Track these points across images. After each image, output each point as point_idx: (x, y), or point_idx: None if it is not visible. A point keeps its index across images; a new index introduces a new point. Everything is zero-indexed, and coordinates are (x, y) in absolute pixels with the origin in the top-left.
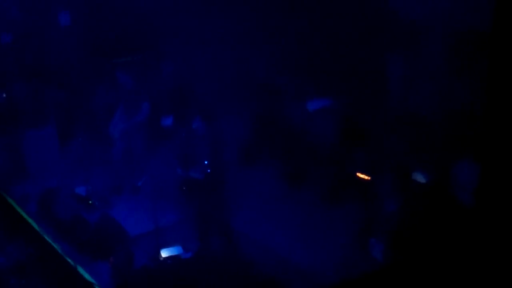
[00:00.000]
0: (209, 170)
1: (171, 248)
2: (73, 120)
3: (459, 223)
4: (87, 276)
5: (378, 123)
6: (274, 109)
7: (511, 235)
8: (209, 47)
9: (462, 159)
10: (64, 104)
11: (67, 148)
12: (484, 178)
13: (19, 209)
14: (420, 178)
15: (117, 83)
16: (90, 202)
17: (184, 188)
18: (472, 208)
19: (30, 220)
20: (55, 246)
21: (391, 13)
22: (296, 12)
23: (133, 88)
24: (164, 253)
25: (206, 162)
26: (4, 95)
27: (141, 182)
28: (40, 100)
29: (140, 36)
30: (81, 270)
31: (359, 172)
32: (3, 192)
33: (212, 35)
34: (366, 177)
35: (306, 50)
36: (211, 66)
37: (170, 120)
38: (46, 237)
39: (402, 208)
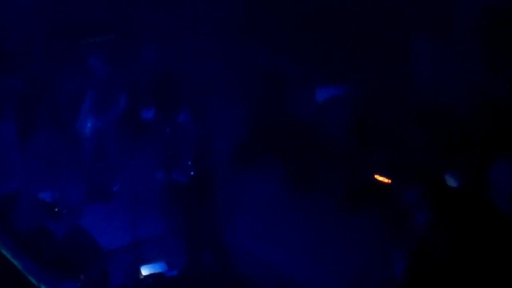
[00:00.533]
0: (192, 173)
1: (153, 265)
2: (36, 113)
3: (497, 234)
4: None
5: (401, 116)
6: (276, 100)
7: None
8: (199, 27)
9: (500, 159)
10: (24, 93)
11: (29, 146)
12: None
13: None
14: (451, 181)
15: (88, 69)
16: (56, 210)
17: (167, 193)
18: None
19: None
20: (15, 262)
21: None
22: None
23: (106, 75)
24: (145, 271)
25: (189, 163)
26: None
27: (117, 186)
28: None
29: (116, 13)
30: None
31: (378, 174)
32: None
33: (203, 12)
34: (387, 180)
35: (313, 29)
36: (201, 49)
37: (152, 113)
38: (3, 252)
39: (431, 217)
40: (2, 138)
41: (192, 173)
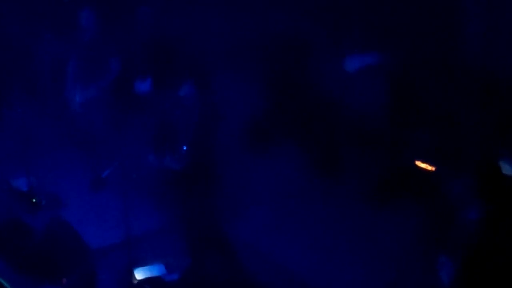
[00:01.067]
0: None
1: (149, 267)
2: (8, 84)
3: None
4: None
5: (448, 90)
6: (297, 70)
7: None
8: None
9: None
10: None
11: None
12: None
13: None
14: (507, 169)
15: (72, 29)
16: (33, 200)
17: (166, 182)
18: None
19: None
20: None
21: None
22: None
23: (95, 36)
24: (139, 274)
25: (184, 148)
26: None
27: (107, 172)
28: None
29: None
30: None
31: (419, 161)
32: None
33: None
34: (430, 168)
35: None
36: (208, 7)
37: (147, 84)
38: None
39: (484, 213)
40: None
41: (185, 159)
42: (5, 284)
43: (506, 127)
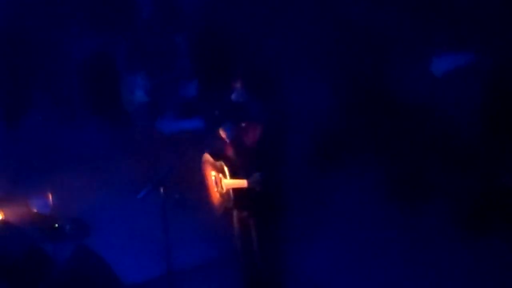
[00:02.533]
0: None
1: None
2: (28, 87)
3: None
4: None
5: None
6: (377, 74)
7: None
8: None
9: None
10: (9, 60)
11: (16, 133)
12: None
13: None
14: None
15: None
16: (56, 225)
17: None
18: None
19: None
20: None
21: None
22: None
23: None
24: None
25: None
26: None
27: (143, 193)
28: None
29: None
30: None
31: None
32: None
33: None
34: None
35: None
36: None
37: (193, 88)
38: None
39: None
40: None
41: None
42: None
43: None
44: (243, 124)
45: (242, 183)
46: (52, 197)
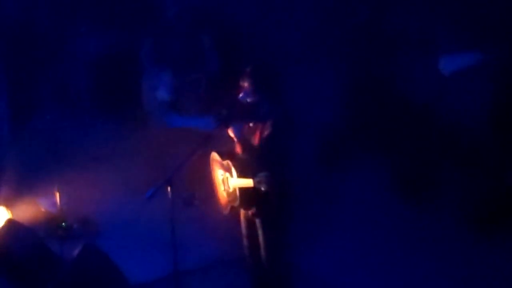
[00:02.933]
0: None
1: None
2: (36, 86)
3: None
4: None
5: None
6: (385, 73)
7: None
8: None
9: None
10: (18, 58)
11: (24, 132)
12: None
13: None
14: None
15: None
16: (63, 224)
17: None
18: None
19: None
20: None
21: None
22: None
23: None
24: None
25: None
26: None
27: (151, 191)
28: None
29: None
30: None
31: None
32: None
33: None
34: None
35: None
36: None
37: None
38: None
39: None
40: None
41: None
42: None
43: None
44: (251, 124)
45: (248, 182)
46: (60, 196)
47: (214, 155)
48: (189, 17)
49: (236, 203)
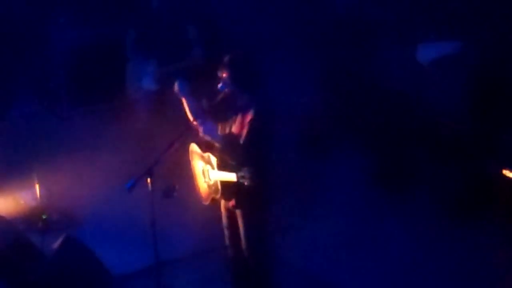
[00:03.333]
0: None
1: None
2: (14, 79)
3: None
4: None
5: None
6: (363, 62)
7: None
8: None
9: None
10: None
11: (2, 124)
12: None
13: None
14: None
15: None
16: (43, 217)
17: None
18: None
19: None
20: None
21: None
22: None
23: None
24: None
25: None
26: None
27: (132, 183)
28: None
29: None
30: None
31: (507, 169)
32: None
33: None
34: None
35: None
36: None
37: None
38: None
39: None
40: None
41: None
42: None
43: None
44: (230, 115)
45: (231, 177)
46: (39, 189)
47: (194, 147)
48: (173, 7)
49: (218, 195)
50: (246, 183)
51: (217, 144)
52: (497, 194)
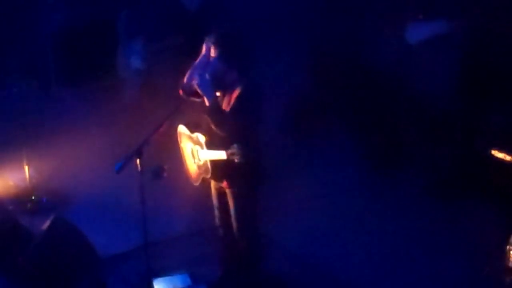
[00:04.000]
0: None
1: (170, 277)
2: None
3: None
4: None
5: None
6: (351, 41)
7: None
8: None
9: None
10: None
11: None
12: None
13: None
14: None
15: None
16: (33, 197)
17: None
18: None
19: None
20: None
21: None
22: None
23: None
24: (160, 286)
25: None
26: None
27: (121, 163)
28: None
29: None
30: None
31: (496, 149)
32: None
33: None
34: (509, 158)
35: None
36: None
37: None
38: None
39: None
40: None
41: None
42: None
43: None
44: (218, 94)
45: (220, 154)
46: (29, 169)
47: (182, 128)
48: None
49: (208, 175)
50: (236, 160)
51: (206, 103)
52: (486, 175)
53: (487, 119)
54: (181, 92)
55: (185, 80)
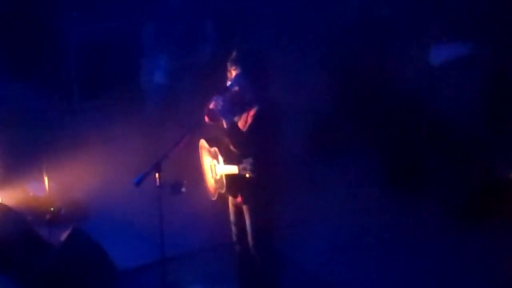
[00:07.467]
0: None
1: None
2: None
3: None
4: None
5: None
6: (374, 62)
7: None
8: None
9: None
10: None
11: (12, 116)
12: None
13: None
14: None
15: None
16: (51, 209)
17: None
18: None
19: None
20: None
21: None
22: None
23: None
24: None
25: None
26: None
27: (140, 177)
28: None
29: None
30: None
31: None
32: None
33: None
34: None
35: None
36: None
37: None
38: None
39: None
40: None
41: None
42: None
43: None
44: (236, 118)
45: (234, 169)
46: (48, 181)
47: (203, 142)
48: (190, 1)
49: (223, 190)
50: (247, 175)
51: (224, 125)
52: (506, 199)
53: (509, 142)
54: (206, 118)
55: (210, 106)
